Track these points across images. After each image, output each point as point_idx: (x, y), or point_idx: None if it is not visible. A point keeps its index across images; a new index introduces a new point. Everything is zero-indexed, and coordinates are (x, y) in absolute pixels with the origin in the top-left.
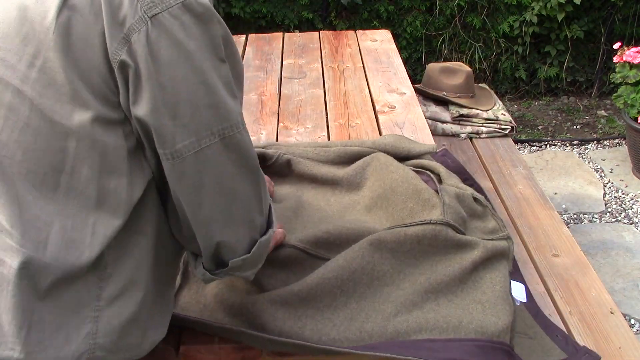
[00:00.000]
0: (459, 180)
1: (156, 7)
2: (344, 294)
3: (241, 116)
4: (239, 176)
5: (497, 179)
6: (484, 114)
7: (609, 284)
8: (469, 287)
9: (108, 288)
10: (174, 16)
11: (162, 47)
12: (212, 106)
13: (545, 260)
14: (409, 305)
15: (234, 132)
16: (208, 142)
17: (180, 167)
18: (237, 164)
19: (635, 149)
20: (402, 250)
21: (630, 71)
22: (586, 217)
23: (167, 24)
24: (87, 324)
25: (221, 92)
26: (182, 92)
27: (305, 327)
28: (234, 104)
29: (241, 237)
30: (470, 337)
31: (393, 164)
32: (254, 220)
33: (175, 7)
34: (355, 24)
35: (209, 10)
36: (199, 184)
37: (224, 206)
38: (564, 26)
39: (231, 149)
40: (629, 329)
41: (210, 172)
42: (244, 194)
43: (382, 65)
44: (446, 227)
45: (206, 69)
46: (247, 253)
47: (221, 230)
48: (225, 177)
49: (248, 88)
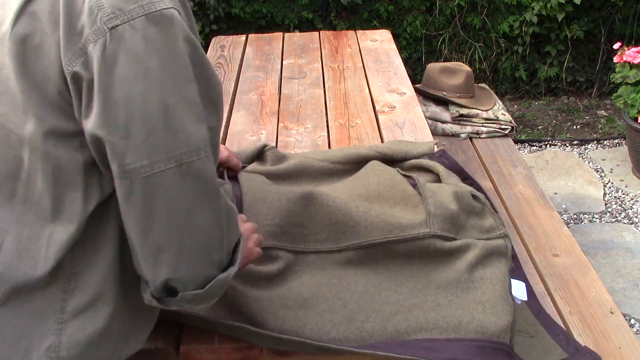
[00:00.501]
0: (458, 179)
1: (117, 19)
2: (341, 300)
3: (207, 142)
4: (196, 208)
5: (497, 179)
6: (484, 114)
7: (609, 284)
8: (469, 287)
9: (72, 301)
10: (137, 29)
11: (119, 61)
12: (170, 129)
13: (545, 260)
14: (408, 305)
15: (194, 159)
16: (162, 167)
17: (129, 188)
18: (195, 194)
19: (635, 149)
20: (393, 265)
21: (630, 71)
22: (586, 217)
23: (128, 37)
24: (49, 336)
25: (182, 114)
26: (136, 110)
27: (306, 327)
28: (198, 128)
29: (194, 272)
30: (470, 337)
31: (380, 168)
32: (211, 255)
33: (138, 20)
34: (355, 24)
35: (177, 26)
36: (149, 210)
37: (176, 237)
38: (564, 26)
39: (188, 177)
40: (629, 329)
41: (163, 200)
42: (201, 227)
43: (382, 65)
44: (434, 239)
45: (167, 89)
46: (200, 288)
47: (171, 262)
48: (179, 206)
49: (248, 88)
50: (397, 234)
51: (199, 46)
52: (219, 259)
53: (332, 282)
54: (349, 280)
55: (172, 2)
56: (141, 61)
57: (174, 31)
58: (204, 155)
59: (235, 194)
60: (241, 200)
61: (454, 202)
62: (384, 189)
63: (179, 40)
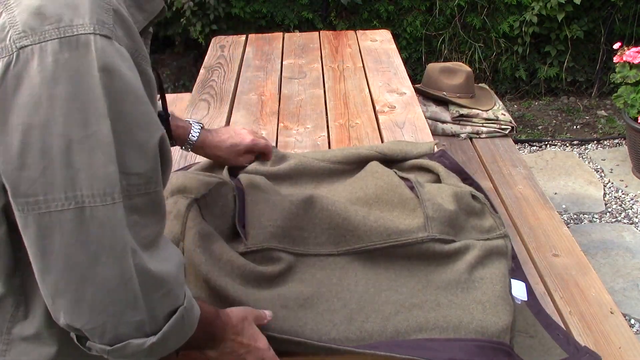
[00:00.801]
0: (458, 179)
1: (27, 39)
2: (341, 301)
3: (117, 188)
4: (100, 258)
5: (497, 179)
6: (484, 114)
7: (609, 284)
8: (469, 287)
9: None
10: (47, 52)
11: (22, 84)
12: (71, 167)
13: (545, 260)
14: (408, 305)
15: (97, 204)
16: (60, 206)
17: (23, 221)
18: (98, 243)
19: (635, 149)
20: (393, 266)
21: (630, 71)
22: (586, 217)
23: (36, 60)
24: None
25: (87, 152)
26: (35, 141)
27: (306, 327)
28: (107, 171)
29: (99, 324)
30: (470, 337)
31: (379, 170)
32: (124, 314)
33: (50, 43)
34: (355, 24)
35: (95, 54)
36: (44, 249)
37: (74, 285)
38: (564, 26)
39: (91, 224)
40: (629, 329)
41: (60, 242)
42: (106, 280)
43: (382, 65)
44: (432, 243)
45: (71, 122)
46: (108, 345)
47: (69, 308)
48: (79, 253)
49: (248, 88)
50: (395, 238)
51: (128, 80)
52: (137, 320)
53: (332, 282)
54: (349, 281)
55: (99, 26)
56: (47, 88)
57: (89, 59)
58: (110, 202)
59: (238, 193)
60: (244, 200)
61: (453, 203)
62: (382, 191)
63: (93, 70)
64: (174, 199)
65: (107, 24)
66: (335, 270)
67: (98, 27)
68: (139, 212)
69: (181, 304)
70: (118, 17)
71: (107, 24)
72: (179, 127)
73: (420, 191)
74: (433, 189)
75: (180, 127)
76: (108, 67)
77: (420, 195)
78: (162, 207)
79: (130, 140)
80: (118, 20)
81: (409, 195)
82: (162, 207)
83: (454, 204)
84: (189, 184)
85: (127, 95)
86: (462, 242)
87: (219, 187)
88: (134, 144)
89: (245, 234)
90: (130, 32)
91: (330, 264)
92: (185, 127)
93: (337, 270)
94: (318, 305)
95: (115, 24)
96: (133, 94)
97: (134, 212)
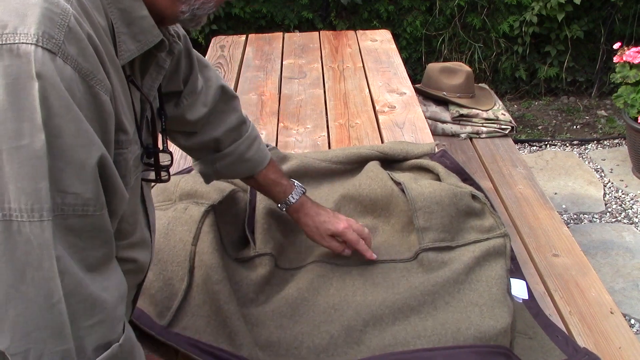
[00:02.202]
0: (458, 179)
1: None
2: (338, 311)
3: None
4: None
5: (497, 179)
6: (484, 114)
7: (609, 284)
8: (465, 288)
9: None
10: None
11: None
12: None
13: (545, 260)
14: (406, 310)
15: (24, 220)
16: None
17: None
18: (21, 260)
19: (635, 149)
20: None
21: (630, 71)
22: (586, 217)
23: None
24: None
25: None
26: None
27: (302, 346)
28: (38, 186)
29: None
30: (469, 344)
31: (373, 170)
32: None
33: None
34: (355, 24)
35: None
36: None
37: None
38: (564, 26)
39: (15, 238)
40: (629, 329)
41: None
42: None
43: (382, 65)
44: (426, 252)
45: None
46: None
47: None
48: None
49: (248, 88)
50: (392, 256)
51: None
52: (62, 349)
53: (329, 292)
54: (347, 291)
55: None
56: None
57: (27, 69)
58: (38, 219)
59: (250, 200)
60: (254, 207)
61: (450, 205)
62: (376, 197)
63: (31, 81)
64: (184, 205)
65: (55, 39)
66: (333, 281)
67: (43, 39)
68: (76, 234)
69: (115, 339)
70: (73, 34)
71: (54, 38)
72: (281, 185)
73: (413, 202)
74: (425, 193)
75: (283, 185)
76: (47, 81)
77: (413, 205)
78: (105, 231)
79: (66, 157)
80: (72, 39)
81: (401, 204)
82: (105, 232)
83: (450, 206)
84: (200, 189)
85: (66, 111)
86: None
87: (233, 193)
88: (71, 162)
89: (254, 240)
90: (85, 53)
91: (328, 273)
92: (287, 186)
93: (335, 281)
94: (315, 318)
95: (66, 40)
96: (72, 112)
97: (70, 233)
